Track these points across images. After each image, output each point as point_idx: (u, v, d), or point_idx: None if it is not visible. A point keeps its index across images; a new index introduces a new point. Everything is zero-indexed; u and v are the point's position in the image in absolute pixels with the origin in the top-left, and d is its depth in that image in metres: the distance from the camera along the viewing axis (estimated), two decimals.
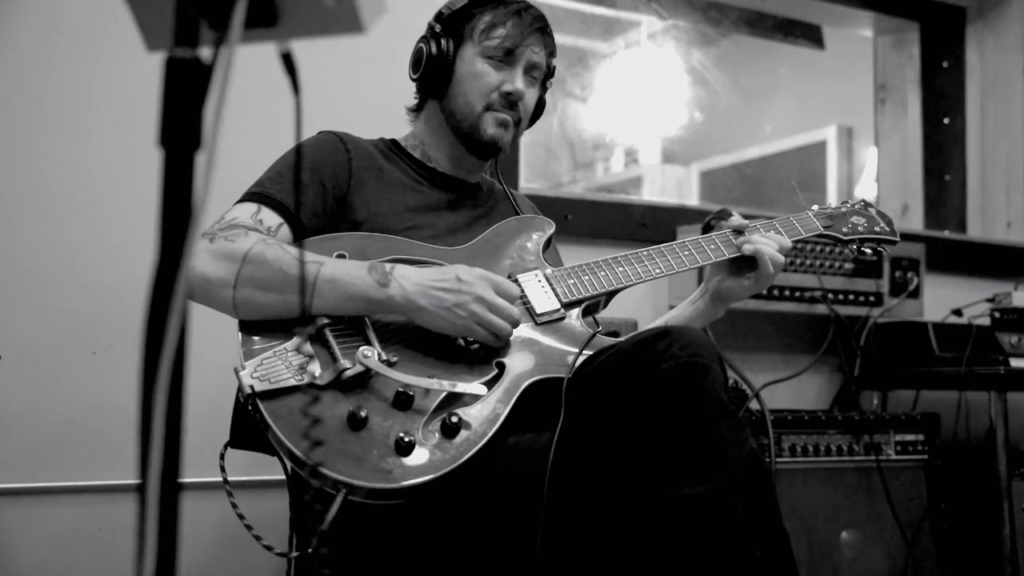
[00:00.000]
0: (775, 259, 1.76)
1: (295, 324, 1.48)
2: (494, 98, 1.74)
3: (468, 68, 1.74)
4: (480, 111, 1.74)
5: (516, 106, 1.76)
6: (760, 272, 1.77)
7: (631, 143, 4.85)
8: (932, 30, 3.83)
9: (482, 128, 1.75)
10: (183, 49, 0.72)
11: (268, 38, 0.81)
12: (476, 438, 1.42)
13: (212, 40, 0.72)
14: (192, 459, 1.66)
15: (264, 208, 1.59)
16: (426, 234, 1.70)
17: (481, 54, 1.74)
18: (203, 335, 1.74)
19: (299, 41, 0.82)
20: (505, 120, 1.75)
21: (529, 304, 1.64)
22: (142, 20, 0.81)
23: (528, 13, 1.76)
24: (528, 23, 1.75)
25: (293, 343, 1.46)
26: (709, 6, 3.68)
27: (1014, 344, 2.83)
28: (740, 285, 1.81)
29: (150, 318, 0.69)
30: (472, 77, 1.74)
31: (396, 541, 1.47)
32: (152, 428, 0.68)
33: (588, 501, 1.39)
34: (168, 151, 0.71)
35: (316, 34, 0.81)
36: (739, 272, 1.81)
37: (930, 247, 3.13)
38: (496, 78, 1.74)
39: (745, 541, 1.26)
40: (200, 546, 2.23)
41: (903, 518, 2.50)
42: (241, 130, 2.10)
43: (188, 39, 0.73)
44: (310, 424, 1.37)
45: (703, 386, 1.32)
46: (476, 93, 1.74)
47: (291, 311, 1.47)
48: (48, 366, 2.16)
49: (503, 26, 1.73)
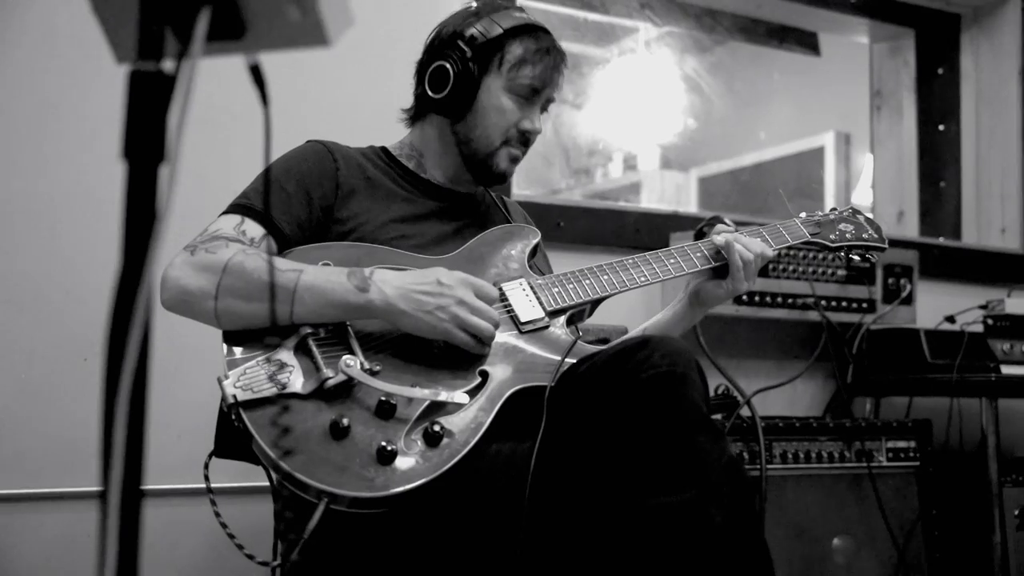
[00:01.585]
0: (743, 254, 1.78)
1: (279, 334, 1.49)
2: (512, 134, 1.75)
3: (493, 101, 1.74)
4: (498, 146, 1.75)
5: (528, 143, 1.79)
6: (732, 270, 1.79)
7: (629, 149, 4.86)
8: (927, 37, 3.84)
9: (496, 162, 1.76)
10: (147, 62, 0.73)
11: (235, 51, 0.81)
12: (458, 447, 1.43)
13: (176, 53, 0.73)
14: (185, 466, 1.67)
15: (247, 220, 1.59)
16: (414, 243, 1.70)
17: (507, 89, 1.73)
18: (197, 344, 1.75)
19: (267, 54, 0.83)
20: (518, 156, 1.79)
21: (513, 312, 1.64)
22: (111, 32, 0.81)
23: (556, 52, 1.77)
24: (554, 64, 1.76)
25: (276, 352, 1.46)
26: (703, 13, 3.69)
27: (1006, 351, 2.84)
28: (718, 288, 1.83)
29: (112, 329, 0.69)
30: (496, 111, 1.74)
31: (378, 550, 1.48)
32: (114, 436, 0.68)
33: (568, 510, 1.39)
34: (131, 164, 0.72)
35: (283, 47, 0.81)
36: (719, 277, 1.83)
37: (924, 254, 3.13)
38: (517, 115, 1.75)
39: (723, 550, 1.26)
40: (195, 552, 2.24)
41: (894, 525, 2.50)
42: (228, 141, 2.12)
43: (152, 52, 0.73)
44: (292, 434, 1.37)
45: (682, 396, 1.32)
46: (497, 128, 1.74)
47: (274, 320, 1.48)
48: (40, 372, 2.17)
49: (532, 65, 1.72)
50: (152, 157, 0.72)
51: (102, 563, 0.67)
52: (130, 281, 0.70)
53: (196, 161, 2.25)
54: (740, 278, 1.79)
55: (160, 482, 2.20)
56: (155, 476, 2.16)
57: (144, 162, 0.72)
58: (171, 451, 2.16)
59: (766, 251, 1.83)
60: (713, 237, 1.82)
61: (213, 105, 2.07)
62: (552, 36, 1.79)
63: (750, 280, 1.80)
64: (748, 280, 1.80)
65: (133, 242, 0.71)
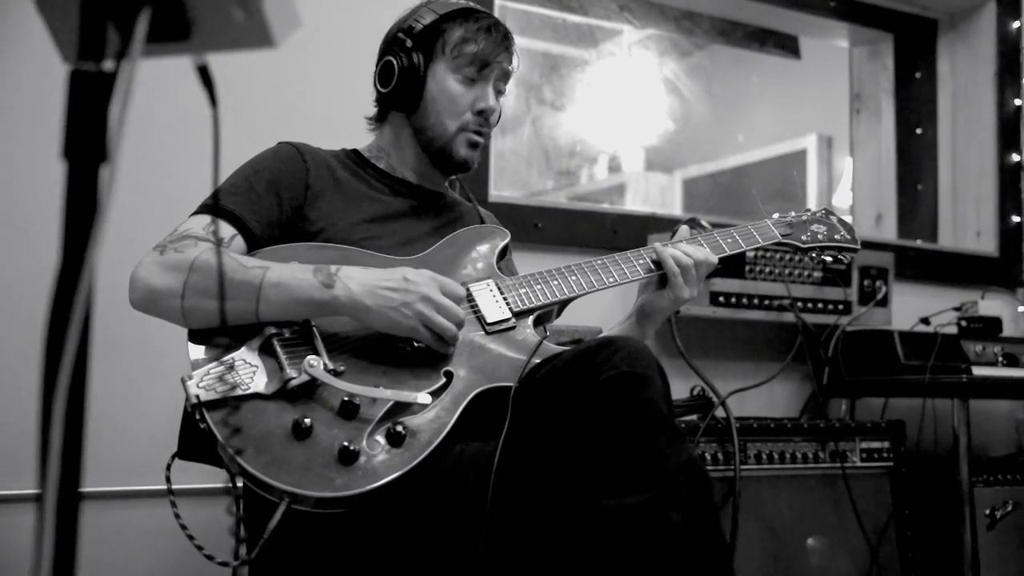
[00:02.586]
0: (681, 260, 1.74)
1: (244, 334, 1.49)
2: (467, 118, 1.75)
3: (440, 86, 1.75)
4: (453, 132, 1.76)
5: (488, 123, 1.78)
6: (669, 277, 1.75)
7: (614, 151, 4.87)
8: (905, 41, 3.86)
9: (455, 149, 1.77)
10: (88, 62, 0.73)
11: (181, 52, 0.82)
12: (421, 447, 1.43)
13: (116, 53, 0.73)
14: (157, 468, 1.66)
15: (217, 219, 1.60)
16: (384, 244, 1.71)
17: (453, 71, 1.74)
18: (167, 344, 1.74)
19: (214, 55, 0.83)
20: (477, 141, 1.78)
21: (480, 313, 1.65)
22: (56, 32, 0.81)
23: (497, 29, 1.77)
24: (499, 40, 1.76)
25: (241, 353, 1.46)
26: (682, 15, 3.70)
27: (979, 352, 2.85)
28: (660, 298, 1.79)
29: (50, 329, 0.69)
30: (445, 97, 1.74)
31: (339, 550, 1.48)
32: (51, 437, 0.68)
33: (530, 510, 1.40)
34: (72, 164, 0.72)
35: (228, 48, 0.82)
36: (664, 287, 1.79)
37: (900, 256, 3.15)
38: (469, 97, 1.75)
39: (681, 551, 1.27)
40: (169, 553, 2.23)
41: (868, 524, 2.52)
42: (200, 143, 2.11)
43: (94, 52, 0.73)
44: (255, 433, 1.38)
45: (641, 397, 1.33)
46: (449, 114, 1.75)
47: (239, 318, 1.48)
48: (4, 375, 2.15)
49: (474, 42, 1.74)
50: (93, 157, 0.72)
51: (37, 567, 0.67)
52: (69, 281, 0.70)
53: (166, 162, 2.27)
54: (679, 284, 1.75)
55: (131, 483, 2.19)
56: (125, 477, 2.17)
57: (84, 162, 0.72)
58: (142, 452, 2.16)
59: (709, 257, 1.78)
60: (654, 245, 1.79)
61: (180, 107, 2.07)
62: (492, 16, 1.80)
63: (692, 287, 1.76)
64: (689, 287, 1.76)
65: (72, 242, 0.71)
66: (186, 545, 1.49)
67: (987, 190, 3.62)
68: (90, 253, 0.71)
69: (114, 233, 1.68)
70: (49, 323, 0.70)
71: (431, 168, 1.82)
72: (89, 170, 0.72)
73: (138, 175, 2.21)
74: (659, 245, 1.79)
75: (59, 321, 0.70)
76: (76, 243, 0.71)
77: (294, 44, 1.05)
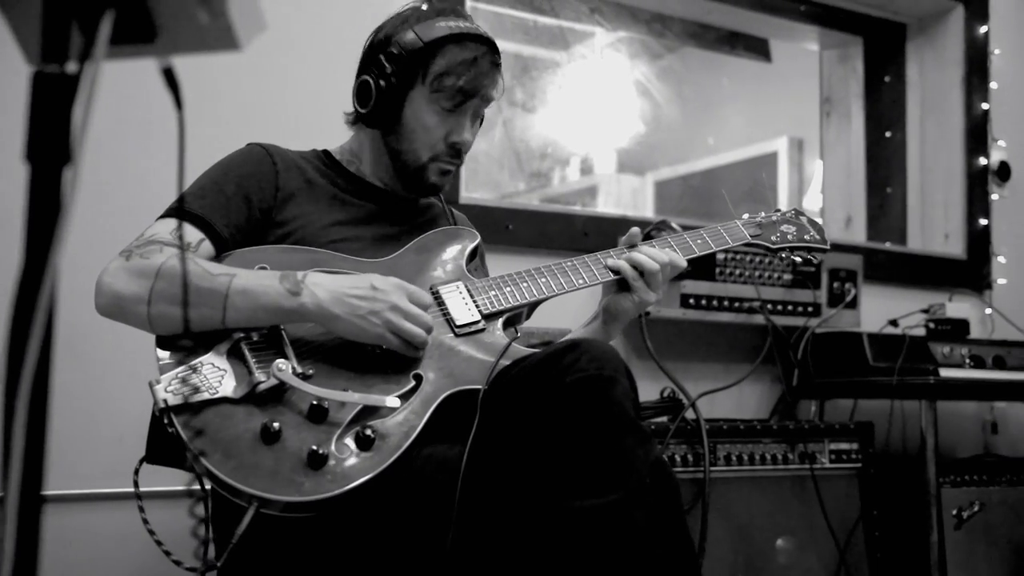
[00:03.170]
0: (645, 264, 1.72)
1: (212, 339, 1.48)
2: (440, 149, 1.74)
3: (418, 116, 1.72)
4: (425, 161, 1.75)
5: (460, 155, 1.77)
6: (630, 281, 1.74)
7: (586, 153, 4.88)
8: (875, 45, 3.90)
9: (426, 177, 1.76)
10: (51, 64, 0.72)
11: (146, 54, 0.81)
12: (390, 450, 1.43)
13: (80, 55, 0.73)
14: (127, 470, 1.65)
15: (184, 223, 1.59)
16: (353, 247, 1.70)
17: (432, 101, 1.71)
18: (137, 347, 1.73)
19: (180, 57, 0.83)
20: (449, 170, 1.77)
21: (449, 315, 1.65)
22: (19, 33, 0.81)
23: (485, 59, 1.72)
24: (483, 69, 1.72)
25: (209, 357, 1.46)
26: (653, 18, 3.71)
27: (946, 354, 2.88)
28: (625, 300, 1.77)
29: (12, 332, 0.69)
30: (422, 127, 1.72)
31: (308, 553, 1.47)
32: (13, 440, 0.68)
33: (499, 512, 1.40)
34: (35, 166, 0.72)
35: (194, 51, 0.81)
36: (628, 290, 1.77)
37: (868, 258, 3.18)
38: (443, 130, 1.73)
39: (647, 552, 1.27)
40: (141, 554, 2.22)
41: (836, 525, 2.54)
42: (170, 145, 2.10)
43: (57, 54, 0.73)
44: (222, 438, 1.37)
45: (609, 399, 1.33)
46: (423, 144, 1.73)
47: (206, 325, 1.47)
48: None
49: (456, 76, 1.69)
50: (56, 159, 0.72)
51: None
52: (32, 283, 0.70)
53: (135, 164, 2.26)
54: (640, 288, 1.74)
55: (102, 486, 2.17)
56: (95, 480, 2.15)
57: (48, 164, 0.72)
58: (112, 455, 2.14)
59: (675, 260, 1.76)
60: (607, 263, 1.77)
61: (150, 108, 2.06)
62: (483, 41, 1.73)
63: (655, 291, 1.74)
64: (653, 290, 1.74)
65: (35, 244, 0.71)
66: (156, 549, 1.48)
67: (955, 193, 3.66)
68: (53, 255, 0.70)
69: (83, 235, 1.67)
70: (11, 325, 0.69)
71: (401, 184, 1.81)
72: (52, 172, 0.72)
73: (106, 177, 2.20)
74: (619, 250, 1.78)
75: (22, 323, 0.69)
76: (39, 245, 0.71)
77: (264, 44, 1.05)
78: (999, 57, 3.73)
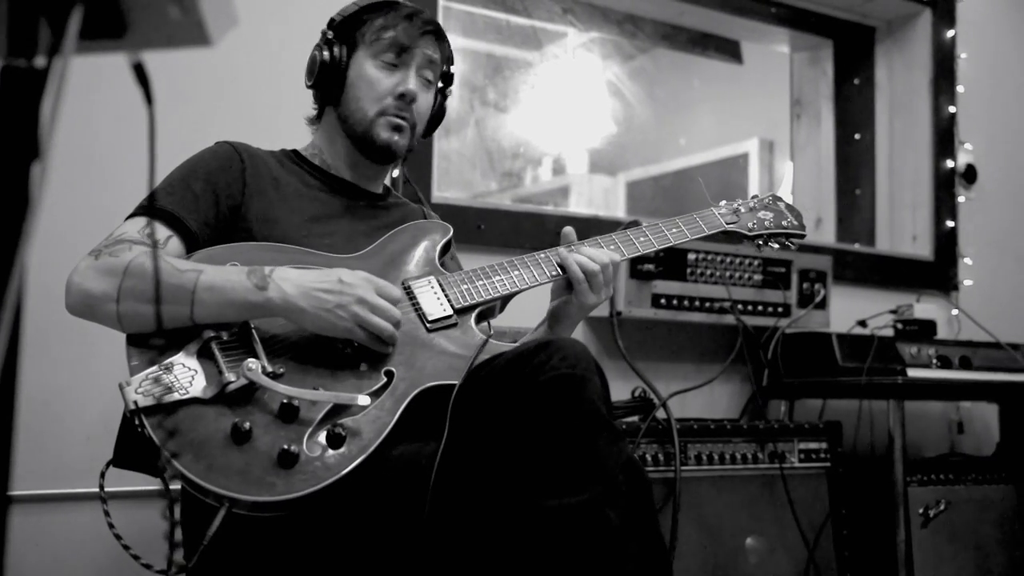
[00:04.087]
0: (586, 266, 1.69)
1: (182, 338, 1.47)
2: (388, 103, 1.75)
3: (360, 73, 1.76)
4: (373, 116, 1.75)
5: (410, 108, 1.76)
6: (573, 284, 1.71)
7: (558, 153, 4.88)
8: (844, 48, 3.93)
9: (376, 133, 1.75)
10: (18, 59, 0.72)
11: (116, 49, 0.80)
12: (362, 448, 1.42)
13: (48, 49, 0.72)
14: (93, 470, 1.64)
15: (153, 221, 1.58)
16: (324, 243, 1.70)
17: (373, 57, 1.75)
18: (106, 346, 1.71)
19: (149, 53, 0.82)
20: (399, 124, 1.76)
21: (421, 310, 1.64)
22: None
23: (419, 17, 1.78)
24: (419, 26, 1.77)
25: (179, 356, 1.45)
26: (625, 19, 3.72)
27: (914, 355, 2.91)
28: (569, 304, 1.76)
29: None
30: (365, 82, 1.75)
31: (279, 553, 1.47)
32: None
33: (471, 512, 1.39)
34: (2, 162, 0.71)
35: (164, 46, 0.80)
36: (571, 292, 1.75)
37: (838, 259, 3.21)
38: (389, 82, 1.75)
39: (619, 551, 1.28)
40: (106, 556, 2.20)
41: (805, 524, 2.56)
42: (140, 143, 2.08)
43: (25, 48, 0.72)
44: (193, 438, 1.36)
45: (580, 398, 1.33)
46: (369, 98, 1.75)
47: (174, 321, 1.46)
48: None
49: (393, 29, 1.75)
50: (24, 155, 0.71)
51: None
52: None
53: (105, 162, 2.23)
54: (584, 290, 1.70)
55: (69, 486, 2.15)
56: (60, 480, 2.13)
57: (15, 160, 0.71)
58: (80, 454, 2.12)
59: (613, 257, 1.73)
60: (558, 249, 1.74)
61: (120, 104, 2.04)
62: (417, 7, 1.81)
63: (598, 293, 1.71)
64: (596, 293, 1.71)
65: (3, 242, 0.70)
66: (125, 552, 1.47)
67: (923, 195, 3.70)
68: (21, 252, 0.70)
69: (52, 233, 1.65)
70: None
71: (362, 158, 1.81)
72: (20, 168, 0.71)
73: (77, 175, 2.17)
74: (563, 250, 1.74)
75: None
76: (7, 243, 0.70)
77: (234, 42, 1.04)
78: (966, 61, 3.78)
